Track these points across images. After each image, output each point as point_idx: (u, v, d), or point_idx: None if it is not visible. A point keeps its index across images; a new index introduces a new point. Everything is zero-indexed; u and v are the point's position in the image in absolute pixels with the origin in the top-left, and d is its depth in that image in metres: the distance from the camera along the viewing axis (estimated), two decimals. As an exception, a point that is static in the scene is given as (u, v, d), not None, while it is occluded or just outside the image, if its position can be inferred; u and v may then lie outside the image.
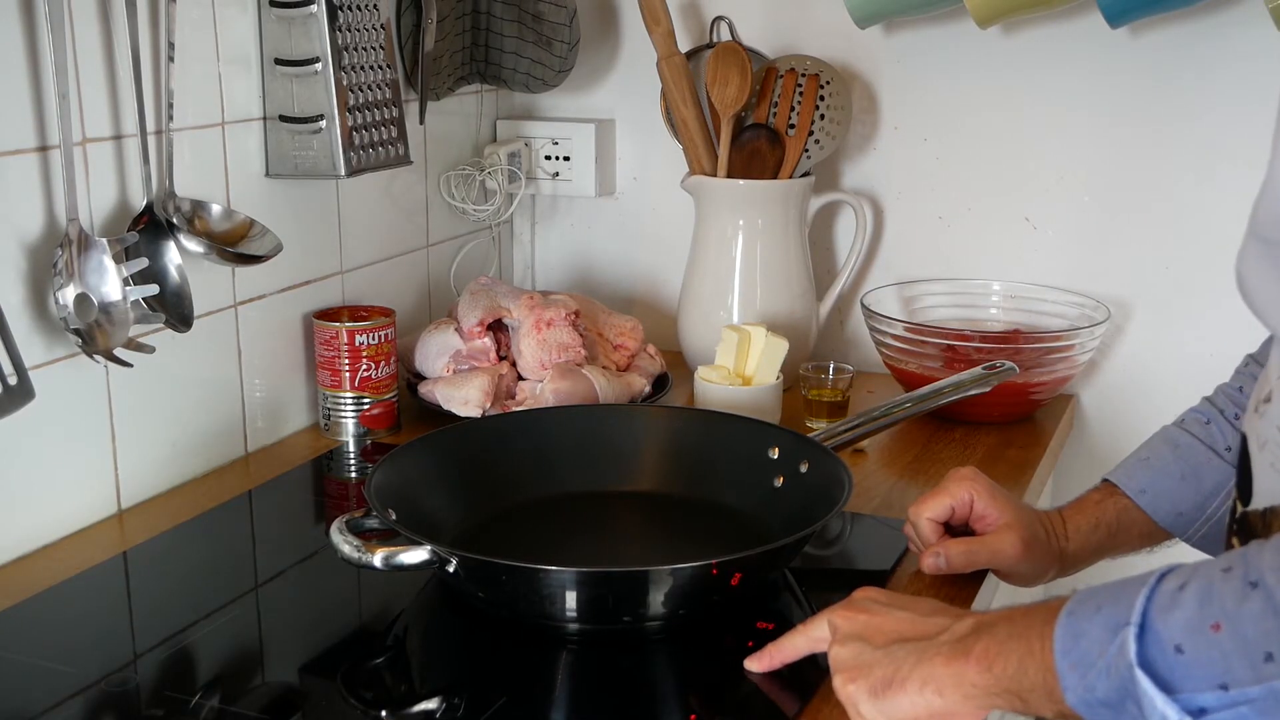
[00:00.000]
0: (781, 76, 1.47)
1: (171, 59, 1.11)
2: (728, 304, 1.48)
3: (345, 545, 0.91)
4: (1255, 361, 1.01)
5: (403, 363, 1.40)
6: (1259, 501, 0.75)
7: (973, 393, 1.21)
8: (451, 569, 0.90)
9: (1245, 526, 0.77)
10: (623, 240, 1.74)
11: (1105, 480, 1.03)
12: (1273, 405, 0.75)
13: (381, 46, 1.29)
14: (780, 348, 1.34)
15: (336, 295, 1.40)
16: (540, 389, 1.30)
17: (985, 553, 0.97)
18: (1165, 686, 0.60)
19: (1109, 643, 0.63)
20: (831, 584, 1.06)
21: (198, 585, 1.03)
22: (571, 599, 0.90)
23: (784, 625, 0.97)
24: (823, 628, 0.83)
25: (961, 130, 1.54)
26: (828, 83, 1.47)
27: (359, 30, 1.25)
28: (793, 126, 1.46)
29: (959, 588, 1.01)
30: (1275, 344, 0.76)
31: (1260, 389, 0.77)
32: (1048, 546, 0.99)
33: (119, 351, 1.05)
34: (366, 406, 1.33)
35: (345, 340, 1.31)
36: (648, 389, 1.39)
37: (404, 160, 1.34)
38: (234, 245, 1.18)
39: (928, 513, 1.00)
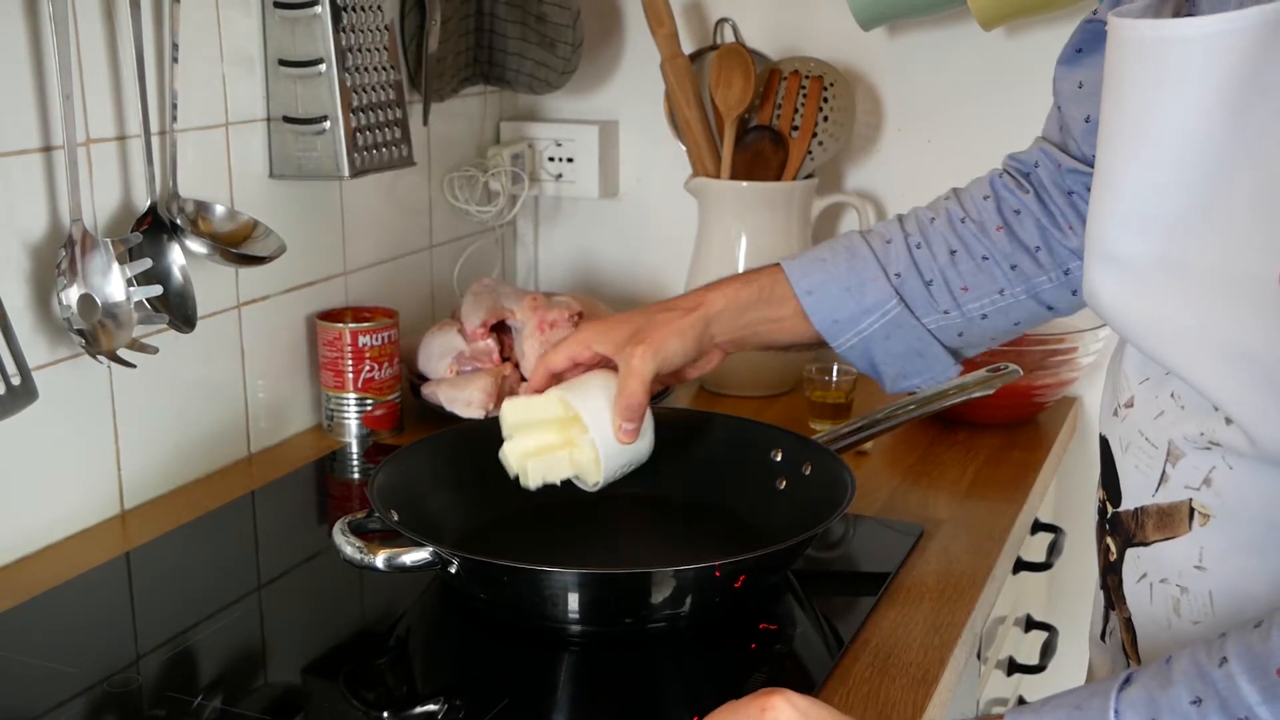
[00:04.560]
0: (785, 78, 1.47)
1: (175, 59, 1.11)
2: (731, 306, 1.47)
3: (348, 546, 0.91)
4: (956, 195, 1.03)
5: (405, 364, 1.40)
6: (1129, 502, 0.77)
7: (976, 395, 1.20)
8: (453, 570, 0.90)
9: (1118, 526, 0.79)
10: (626, 242, 1.74)
11: (780, 264, 1.03)
12: (1135, 409, 0.76)
13: (385, 47, 1.29)
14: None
15: (340, 296, 1.40)
16: (543, 390, 1.30)
17: (634, 386, 0.95)
18: None
19: None
20: (834, 586, 1.06)
21: (200, 586, 1.03)
22: (573, 601, 0.90)
23: (786, 627, 0.97)
24: None
25: (965, 132, 1.54)
26: (831, 84, 1.47)
27: (363, 31, 1.25)
28: (796, 128, 1.46)
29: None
30: (1129, 350, 0.77)
31: (1119, 393, 0.78)
32: (676, 325, 0.98)
33: (122, 352, 1.05)
34: (369, 407, 1.33)
35: (348, 341, 1.31)
36: (651, 390, 1.39)
37: (407, 161, 1.34)
38: (237, 246, 1.18)
39: (548, 363, 1.00)
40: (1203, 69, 0.64)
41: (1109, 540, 0.80)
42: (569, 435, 0.99)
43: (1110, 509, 0.79)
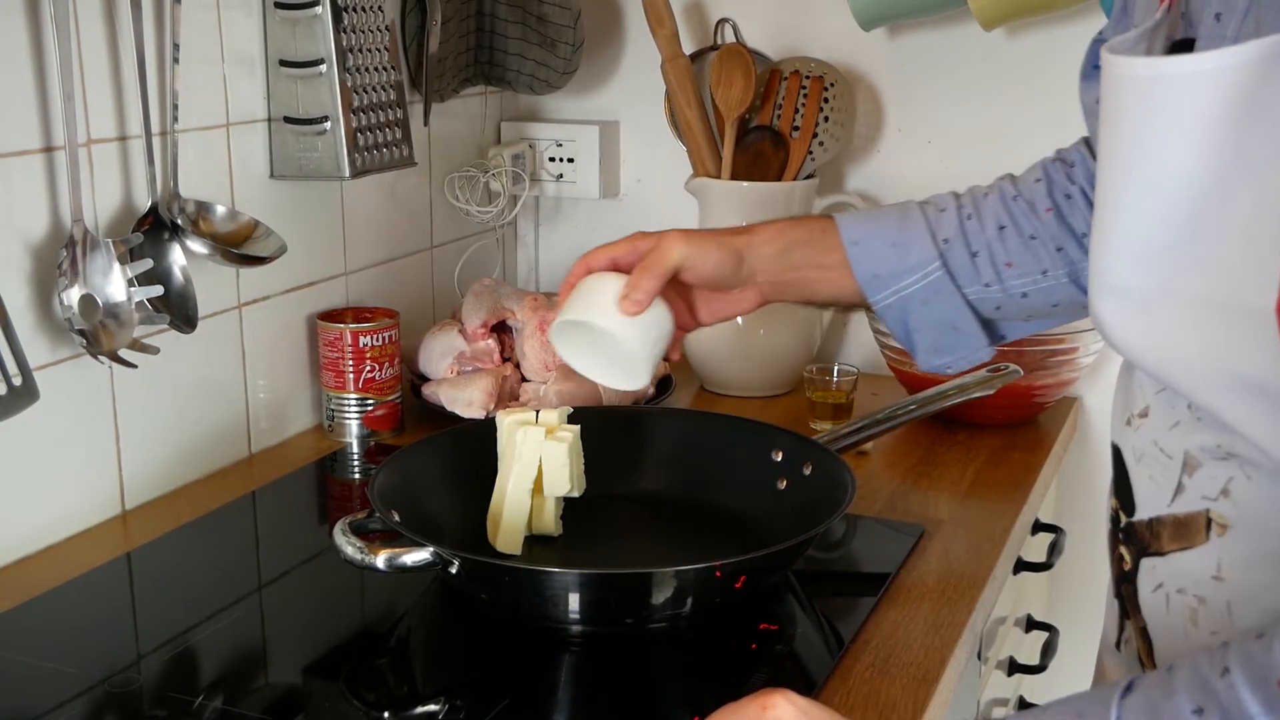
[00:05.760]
0: (785, 78, 1.47)
1: (176, 60, 1.11)
2: (731, 306, 1.47)
3: (348, 546, 0.91)
4: (1011, 176, 1.03)
5: (406, 364, 1.40)
6: (1143, 512, 0.77)
7: (977, 395, 1.20)
8: (454, 570, 0.90)
9: (1132, 536, 0.78)
10: (627, 242, 1.73)
11: (832, 215, 1.03)
12: (1149, 420, 0.76)
13: (386, 48, 1.29)
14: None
15: (340, 297, 1.40)
16: (544, 390, 1.31)
17: (656, 259, 0.96)
18: None
19: None
20: (834, 587, 1.06)
21: (201, 586, 1.03)
22: (574, 601, 0.90)
23: (787, 627, 0.97)
24: None
25: (965, 132, 1.54)
26: (831, 85, 1.47)
27: (363, 31, 1.25)
28: (796, 128, 1.46)
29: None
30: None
31: (1132, 403, 0.78)
32: (720, 238, 0.99)
33: (123, 352, 1.05)
34: (370, 408, 1.33)
35: (349, 341, 1.31)
36: (651, 391, 1.39)
37: (408, 162, 1.34)
38: (238, 246, 1.18)
39: (590, 261, 1.01)
40: (1200, 103, 0.64)
41: (1123, 549, 0.80)
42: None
43: (1124, 518, 0.79)
